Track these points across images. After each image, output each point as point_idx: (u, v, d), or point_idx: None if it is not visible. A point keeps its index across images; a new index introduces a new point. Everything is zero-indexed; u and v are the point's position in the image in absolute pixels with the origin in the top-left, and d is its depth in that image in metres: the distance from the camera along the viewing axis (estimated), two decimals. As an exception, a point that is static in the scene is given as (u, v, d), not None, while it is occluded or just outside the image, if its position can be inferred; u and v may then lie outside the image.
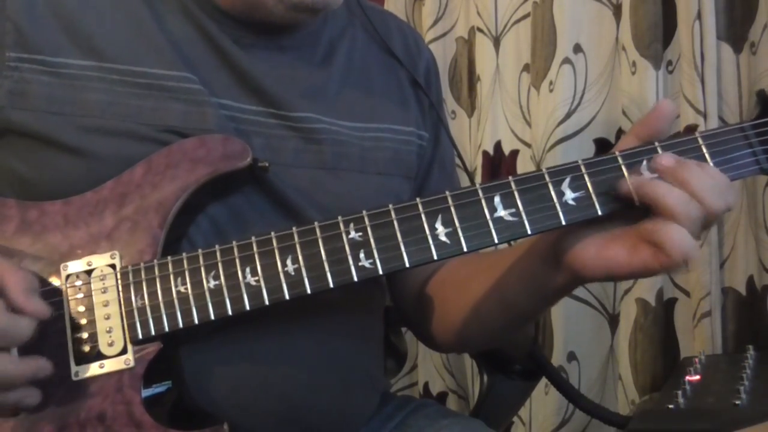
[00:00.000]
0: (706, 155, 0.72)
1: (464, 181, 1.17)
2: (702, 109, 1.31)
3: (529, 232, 0.72)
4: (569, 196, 0.72)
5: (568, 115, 1.49)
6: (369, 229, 0.74)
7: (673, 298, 1.42)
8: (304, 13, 0.88)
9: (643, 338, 1.40)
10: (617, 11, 1.47)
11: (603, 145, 1.49)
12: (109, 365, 0.74)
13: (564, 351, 1.53)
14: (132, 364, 0.74)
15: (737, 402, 0.94)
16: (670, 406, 0.97)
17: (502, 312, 0.86)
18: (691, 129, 1.30)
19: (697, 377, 1.09)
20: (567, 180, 0.72)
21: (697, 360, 1.17)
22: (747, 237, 1.32)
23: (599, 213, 0.72)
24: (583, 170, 0.72)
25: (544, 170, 0.73)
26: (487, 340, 0.98)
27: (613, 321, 1.51)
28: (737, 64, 1.32)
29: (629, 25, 1.40)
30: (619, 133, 1.45)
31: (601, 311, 1.52)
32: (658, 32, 1.39)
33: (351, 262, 0.74)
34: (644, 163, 0.71)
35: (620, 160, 0.72)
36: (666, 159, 0.70)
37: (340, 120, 0.91)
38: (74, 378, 0.74)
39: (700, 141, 0.72)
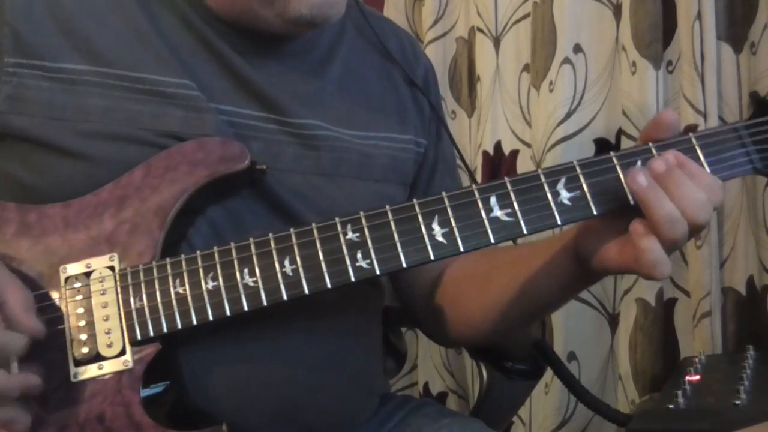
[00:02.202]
0: (700, 156, 0.72)
1: (466, 182, 1.17)
2: (702, 109, 1.31)
3: (525, 232, 0.73)
4: (565, 196, 0.73)
5: (568, 115, 1.49)
6: (366, 230, 0.74)
7: (673, 298, 1.42)
8: (303, 27, 0.88)
9: (643, 338, 1.40)
10: (617, 11, 1.47)
11: (603, 145, 1.48)
12: (108, 366, 0.74)
13: (564, 351, 1.52)
14: (131, 365, 0.74)
15: (737, 402, 0.94)
16: (670, 406, 0.97)
17: (526, 304, 0.88)
18: (691, 129, 1.30)
19: (697, 377, 1.09)
20: (562, 180, 0.73)
21: (697, 360, 1.17)
22: (747, 237, 1.32)
23: (594, 213, 0.73)
24: (578, 171, 0.73)
25: (539, 171, 0.73)
26: (505, 332, 0.99)
27: (613, 321, 1.51)
28: (737, 64, 1.32)
29: (629, 25, 1.39)
30: (619, 133, 1.44)
31: (601, 311, 1.52)
32: (658, 32, 1.39)
33: (348, 262, 0.74)
34: (638, 163, 0.72)
35: (615, 161, 0.73)
36: (658, 164, 0.71)
37: (338, 127, 0.91)
38: (73, 379, 0.74)
39: (694, 141, 0.73)
